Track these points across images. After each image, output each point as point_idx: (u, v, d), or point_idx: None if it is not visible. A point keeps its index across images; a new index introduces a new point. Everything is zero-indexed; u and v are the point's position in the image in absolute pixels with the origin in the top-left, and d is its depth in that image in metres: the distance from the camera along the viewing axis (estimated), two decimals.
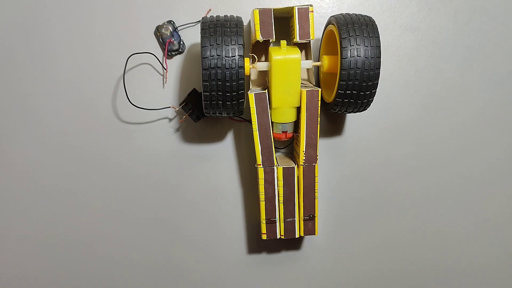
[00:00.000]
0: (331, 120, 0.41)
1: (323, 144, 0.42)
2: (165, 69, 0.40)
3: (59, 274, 0.42)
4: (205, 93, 0.33)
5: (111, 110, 0.40)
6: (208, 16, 0.34)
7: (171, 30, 0.39)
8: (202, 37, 0.32)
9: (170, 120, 0.40)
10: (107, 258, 0.42)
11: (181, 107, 0.39)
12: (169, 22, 0.39)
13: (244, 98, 0.33)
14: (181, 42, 0.39)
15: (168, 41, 0.39)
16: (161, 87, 0.40)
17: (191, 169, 0.41)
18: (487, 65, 0.42)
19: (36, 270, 0.42)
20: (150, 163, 0.41)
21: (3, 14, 0.39)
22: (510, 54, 0.42)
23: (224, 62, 0.32)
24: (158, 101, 0.40)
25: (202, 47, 0.32)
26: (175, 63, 0.40)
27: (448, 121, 0.42)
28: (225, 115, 0.35)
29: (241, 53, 0.32)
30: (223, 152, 0.41)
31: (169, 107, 0.39)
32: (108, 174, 0.41)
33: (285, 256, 0.43)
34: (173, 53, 0.39)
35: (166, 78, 0.40)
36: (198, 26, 0.39)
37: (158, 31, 0.39)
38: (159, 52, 0.40)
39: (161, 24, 0.39)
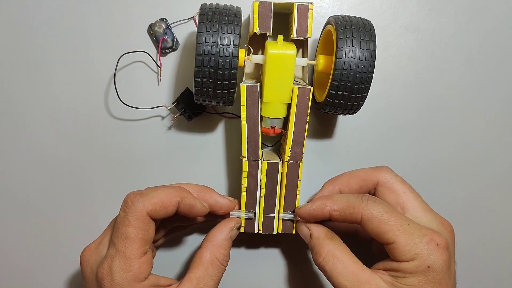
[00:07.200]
0: (325, 120, 0.41)
1: (313, 144, 0.41)
2: (159, 67, 0.40)
3: (58, 270, 0.42)
4: (197, 79, 0.32)
5: (104, 109, 0.40)
6: (208, 3, 0.34)
7: (164, 27, 0.39)
8: (199, 23, 0.32)
9: (163, 118, 0.40)
10: None
11: (174, 106, 0.39)
12: (162, 19, 0.39)
13: (235, 88, 0.33)
14: (175, 39, 0.39)
15: (161, 38, 0.39)
16: (156, 85, 0.40)
17: (183, 166, 0.41)
18: (487, 65, 0.42)
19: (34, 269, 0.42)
20: (142, 161, 0.41)
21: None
22: (510, 54, 0.42)
23: (218, 49, 0.31)
24: (153, 98, 0.40)
25: (198, 32, 0.32)
26: (169, 61, 0.40)
27: (448, 122, 0.42)
28: (215, 104, 0.35)
29: (236, 42, 0.32)
30: (214, 150, 0.41)
31: (161, 106, 0.39)
32: (103, 173, 0.41)
33: (263, 252, 0.42)
34: (167, 51, 0.39)
35: (160, 75, 0.40)
36: (192, 22, 0.39)
37: (151, 29, 0.39)
38: (152, 50, 0.40)
39: (154, 22, 0.39)
